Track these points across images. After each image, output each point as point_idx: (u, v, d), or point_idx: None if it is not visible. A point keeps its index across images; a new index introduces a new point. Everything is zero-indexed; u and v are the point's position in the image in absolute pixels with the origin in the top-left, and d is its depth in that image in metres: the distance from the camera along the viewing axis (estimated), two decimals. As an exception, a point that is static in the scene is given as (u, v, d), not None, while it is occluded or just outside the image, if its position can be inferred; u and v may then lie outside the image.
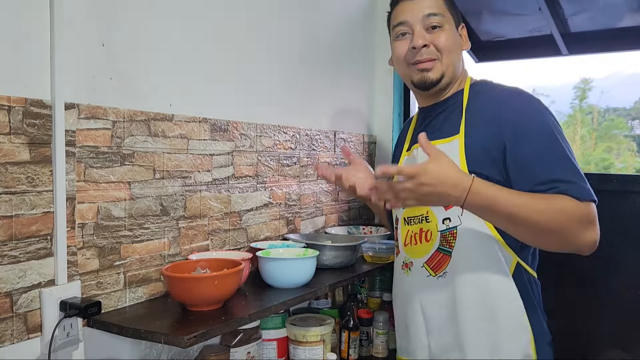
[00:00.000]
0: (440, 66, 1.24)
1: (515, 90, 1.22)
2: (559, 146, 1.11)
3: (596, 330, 1.87)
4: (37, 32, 1.03)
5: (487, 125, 1.16)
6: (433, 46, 1.23)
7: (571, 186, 1.06)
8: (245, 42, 1.54)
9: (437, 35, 1.23)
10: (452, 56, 1.24)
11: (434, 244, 1.23)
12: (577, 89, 2.60)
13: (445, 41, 1.23)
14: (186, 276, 1.16)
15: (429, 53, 1.24)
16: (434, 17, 1.23)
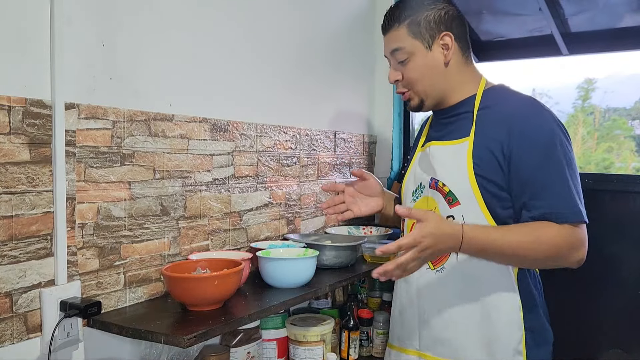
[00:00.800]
0: (415, 95, 1.30)
1: (529, 101, 1.23)
2: (556, 168, 1.15)
3: (596, 330, 1.87)
4: (37, 32, 1.03)
5: (497, 132, 1.19)
6: (404, 79, 1.29)
7: (562, 213, 1.13)
8: (245, 42, 1.54)
9: (405, 69, 1.28)
10: (424, 83, 1.27)
11: None
12: (581, 88, 2.60)
13: (411, 74, 1.27)
14: (186, 276, 1.16)
15: (401, 86, 1.31)
16: (397, 52, 1.28)
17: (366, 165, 2.20)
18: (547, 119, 1.19)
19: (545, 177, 1.15)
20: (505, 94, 1.28)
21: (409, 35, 1.27)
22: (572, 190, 1.15)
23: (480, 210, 1.19)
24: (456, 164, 1.23)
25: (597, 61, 2.29)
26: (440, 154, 1.29)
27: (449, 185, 1.23)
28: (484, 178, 1.19)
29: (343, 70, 2.05)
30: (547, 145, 1.16)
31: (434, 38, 1.26)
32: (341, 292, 1.90)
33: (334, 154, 1.97)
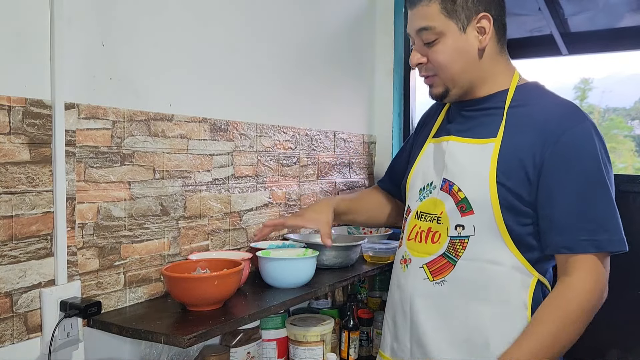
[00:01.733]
0: (440, 81, 1.15)
1: (569, 107, 1.10)
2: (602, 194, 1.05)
3: (596, 330, 1.87)
4: (37, 32, 1.03)
5: (529, 137, 1.06)
6: (430, 63, 1.14)
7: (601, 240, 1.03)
8: (245, 42, 1.54)
9: (432, 51, 1.12)
10: (452, 70, 1.12)
11: (441, 248, 1.13)
12: (577, 89, 2.60)
13: (440, 58, 1.12)
14: (186, 276, 1.16)
15: (426, 70, 1.16)
16: (425, 31, 1.11)
17: (366, 165, 2.20)
18: (589, 132, 1.05)
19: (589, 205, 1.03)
20: (542, 93, 1.14)
21: (442, 13, 1.09)
22: (613, 211, 1.06)
23: (496, 223, 1.07)
24: (477, 167, 1.09)
25: (597, 61, 2.30)
26: (460, 153, 1.14)
27: (465, 191, 1.10)
28: (507, 189, 1.06)
29: (343, 70, 2.05)
30: (590, 165, 1.03)
31: (470, 19, 1.09)
32: (341, 292, 1.90)
33: (333, 154, 1.97)
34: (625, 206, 1.83)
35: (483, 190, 1.07)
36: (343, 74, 2.06)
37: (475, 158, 1.11)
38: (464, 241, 1.10)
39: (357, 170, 2.13)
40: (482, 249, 1.09)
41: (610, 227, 1.04)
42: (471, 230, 1.09)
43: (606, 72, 2.39)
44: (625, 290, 1.83)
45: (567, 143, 1.03)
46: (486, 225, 1.08)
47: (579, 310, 1.03)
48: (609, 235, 1.03)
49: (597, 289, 1.03)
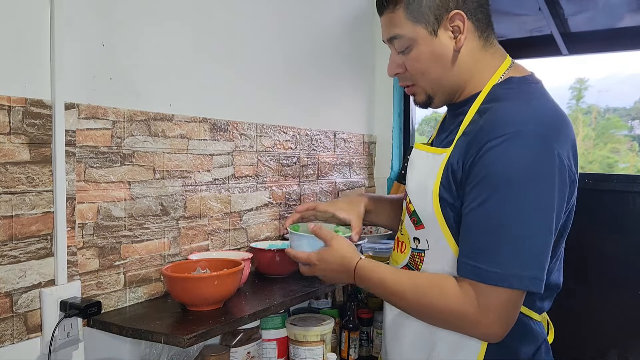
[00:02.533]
0: (421, 89, 1.06)
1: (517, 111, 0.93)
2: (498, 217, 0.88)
3: (596, 329, 1.87)
4: (37, 32, 1.03)
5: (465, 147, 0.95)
6: (408, 71, 1.05)
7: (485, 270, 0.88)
8: (245, 42, 1.54)
9: (407, 58, 1.03)
10: (429, 77, 1.03)
11: (405, 258, 1.09)
12: (573, 89, 2.60)
13: (415, 66, 1.02)
14: (186, 276, 1.16)
15: (404, 79, 1.07)
16: (395, 40, 1.03)
17: (366, 166, 2.20)
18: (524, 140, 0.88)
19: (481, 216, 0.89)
20: (513, 94, 0.98)
21: (409, 20, 0.99)
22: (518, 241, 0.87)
23: (445, 238, 0.97)
24: (425, 180, 1.01)
25: (596, 61, 2.29)
26: (416, 164, 1.08)
27: (414, 205, 1.04)
28: (448, 203, 0.96)
29: (343, 71, 2.05)
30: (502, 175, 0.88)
31: (440, 20, 0.98)
32: (341, 292, 1.90)
33: (334, 154, 1.97)
34: (625, 206, 1.84)
35: (428, 204, 0.99)
36: (343, 74, 2.06)
37: (425, 169, 1.03)
38: (421, 254, 1.04)
39: (357, 170, 2.13)
40: (439, 264, 1.00)
41: (503, 258, 0.87)
42: (425, 245, 1.03)
43: (606, 72, 2.39)
44: (625, 290, 1.83)
45: (484, 154, 0.89)
46: (437, 241, 0.99)
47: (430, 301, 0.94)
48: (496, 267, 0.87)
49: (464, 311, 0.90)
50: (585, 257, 1.88)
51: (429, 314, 0.97)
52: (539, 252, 0.89)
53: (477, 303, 0.89)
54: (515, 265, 0.87)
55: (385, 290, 1.02)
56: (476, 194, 0.90)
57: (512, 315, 0.91)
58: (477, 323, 0.90)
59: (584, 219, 1.89)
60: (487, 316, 0.89)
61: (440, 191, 0.97)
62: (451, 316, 0.93)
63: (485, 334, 0.91)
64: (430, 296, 0.94)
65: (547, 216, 0.89)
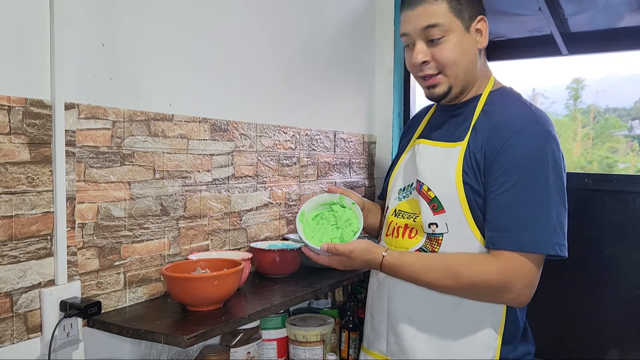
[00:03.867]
0: (445, 80, 1.17)
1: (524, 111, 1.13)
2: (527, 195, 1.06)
3: (596, 329, 1.87)
4: (37, 32, 1.03)
5: (485, 139, 1.12)
6: (434, 61, 1.15)
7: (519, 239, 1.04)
8: (245, 42, 1.54)
9: (438, 49, 1.14)
10: (458, 67, 1.15)
11: (418, 243, 1.19)
12: (570, 89, 2.61)
13: (447, 55, 1.13)
14: (186, 276, 1.16)
15: (431, 68, 1.16)
16: (433, 28, 1.13)
17: (366, 166, 2.20)
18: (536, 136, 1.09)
19: (513, 196, 1.06)
20: (508, 98, 1.19)
21: (450, 12, 1.12)
22: (546, 214, 1.05)
23: (466, 219, 1.12)
24: (444, 168, 1.15)
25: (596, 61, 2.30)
26: (429, 155, 1.21)
27: (435, 191, 1.16)
28: (471, 187, 1.11)
29: (343, 70, 2.05)
30: (531, 168, 1.06)
31: (472, 19, 1.14)
32: (341, 292, 1.90)
33: (333, 154, 1.97)
34: (625, 206, 1.84)
35: (451, 189, 1.13)
36: (343, 74, 2.06)
37: (443, 160, 1.16)
38: (438, 238, 1.16)
39: (357, 170, 2.13)
40: (455, 245, 1.13)
41: (535, 228, 1.04)
42: (444, 228, 1.14)
43: (606, 72, 2.39)
44: (625, 290, 1.83)
45: (510, 145, 1.08)
46: (458, 223, 1.13)
47: (470, 278, 1.07)
48: (531, 236, 1.04)
49: (502, 280, 1.05)
50: (585, 257, 1.88)
51: (469, 290, 1.09)
52: (560, 222, 1.06)
53: (514, 271, 1.04)
54: (545, 233, 1.04)
55: (419, 281, 1.12)
56: (506, 178, 1.07)
57: (537, 280, 1.07)
58: (512, 290, 1.05)
59: (583, 218, 1.90)
60: (521, 282, 1.05)
61: (463, 177, 1.12)
62: (491, 287, 1.06)
63: (518, 299, 1.07)
64: (469, 275, 1.07)
65: (563, 193, 1.08)
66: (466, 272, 1.07)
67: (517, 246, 1.04)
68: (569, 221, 1.10)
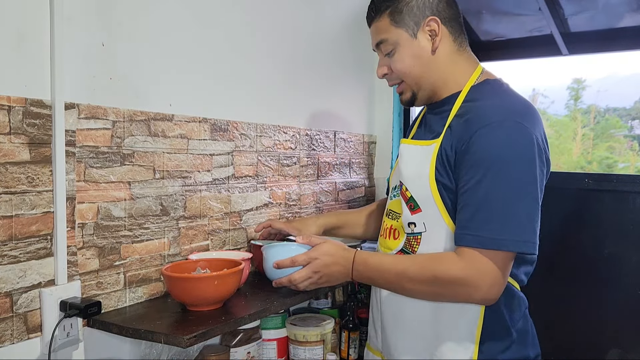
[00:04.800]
0: (407, 87, 1.20)
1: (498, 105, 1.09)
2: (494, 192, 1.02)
3: (596, 329, 1.87)
4: (37, 32, 1.03)
5: (456, 136, 1.09)
6: (393, 72, 1.19)
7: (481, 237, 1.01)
8: (245, 41, 1.54)
9: (392, 60, 1.18)
10: (412, 75, 1.17)
11: (400, 244, 1.19)
12: (571, 89, 2.61)
13: (398, 67, 1.17)
14: (186, 276, 1.16)
15: (392, 79, 1.22)
16: (382, 44, 1.18)
17: (366, 165, 2.20)
18: (509, 128, 1.04)
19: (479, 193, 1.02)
20: (491, 92, 1.14)
21: (392, 25, 1.15)
22: (513, 211, 1.01)
23: (442, 218, 1.10)
24: (419, 167, 1.14)
25: (595, 61, 2.30)
26: (407, 155, 1.21)
27: (411, 190, 1.15)
28: (444, 185, 1.10)
29: (343, 70, 2.05)
30: (495, 157, 1.02)
31: (419, 25, 1.15)
32: (341, 292, 1.90)
33: (333, 154, 1.97)
34: (625, 206, 1.84)
35: (425, 188, 1.12)
36: (343, 74, 2.06)
37: (418, 158, 1.16)
38: (417, 237, 1.15)
39: (357, 170, 2.13)
40: (434, 244, 1.12)
41: (498, 225, 1.01)
42: (422, 227, 1.14)
43: (606, 72, 2.39)
44: (625, 290, 1.83)
45: (478, 138, 1.04)
46: (435, 222, 1.11)
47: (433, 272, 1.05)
48: (493, 233, 1.00)
49: (466, 278, 1.02)
50: (585, 257, 1.88)
51: (432, 286, 1.06)
52: (529, 219, 1.03)
53: (477, 268, 1.01)
54: (510, 231, 1.01)
55: (387, 273, 1.10)
56: (472, 174, 1.04)
57: (505, 278, 1.04)
58: (477, 287, 1.02)
59: (584, 219, 1.90)
60: (486, 279, 1.01)
61: (436, 175, 1.10)
62: (454, 283, 1.03)
63: (484, 297, 1.04)
64: (432, 268, 1.05)
65: (533, 188, 1.04)
66: (431, 264, 1.06)
67: (479, 243, 1.01)
68: (571, 221, 1.08)
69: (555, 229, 1.21)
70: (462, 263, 1.02)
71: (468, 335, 1.11)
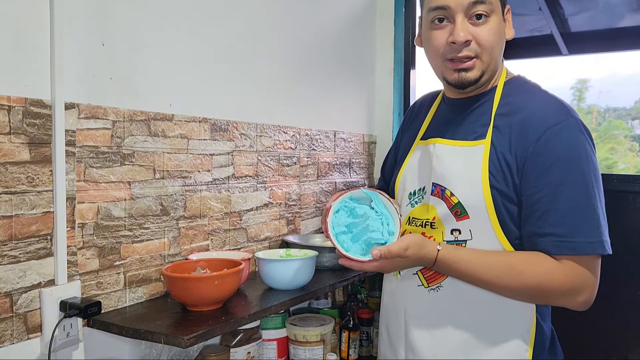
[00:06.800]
0: (480, 65, 1.07)
1: (553, 103, 1.05)
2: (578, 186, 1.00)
3: (597, 330, 1.87)
4: (37, 32, 1.03)
5: (514, 136, 1.03)
6: (475, 42, 1.05)
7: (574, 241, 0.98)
8: (245, 41, 1.54)
9: (481, 28, 1.04)
10: (495, 52, 1.07)
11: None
12: (574, 89, 2.61)
13: (489, 37, 1.05)
14: (186, 276, 1.16)
15: (469, 50, 1.06)
16: (481, 5, 1.03)
17: (366, 165, 2.20)
18: (572, 129, 1.01)
19: (561, 197, 0.99)
20: (527, 89, 1.11)
21: None
22: (595, 213, 0.99)
23: (492, 226, 1.04)
24: (469, 171, 1.06)
25: (595, 61, 2.30)
26: (449, 156, 1.10)
27: (459, 196, 1.06)
28: (498, 191, 1.03)
29: (343, 70, 2.05)
30: (571, 164, 1.00)
31: (504, 7, 1.09)
32: (341, 292, 1.90)
33: (334, 154, 1.97)
34: (625, 206, 1.84)
35: (477, 194, 1.04)
36: (343, 74, 2.06)
37: (466, 161, 1.07)
38: (461, 245, 1.07)
39: (357, 170, 2.13)
40: None
41: (589, 229, 0.99)
42: (468, 235, 1.06)
43: (606, 72, 2.38)
44: (625, 290, 1.83)
45: (547, 141, 1.00)
46: (483, 229, 1.05)
47: (535, 279, 1.01)
48: (587, 238, 0.99)
49: (571, 284, 1.00)
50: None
51: (532, 295, 1.03)
52: (604, 217, 1.02)
53: (580, 275, 0.99)
54: (598, 234, 0.99)
55: (476, 278, 1.04)
56: (549, 178, 1.00)
57: (598, 280, 1.02)
58: (580, 294, 1.00)
59: (584, 219, 1.90)
60: (588, 286, 1.00)
61: (490, 180, 1.04)
62: (559, 293, 1.01)
63: (585, 302, 1.02)
64: (533, 277, 1.01)
65: (601, 187, 1.03)
66: (531, 272, 1.01)
67: (577, 251, 0.98)
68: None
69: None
70: (566, 271, 0.99)
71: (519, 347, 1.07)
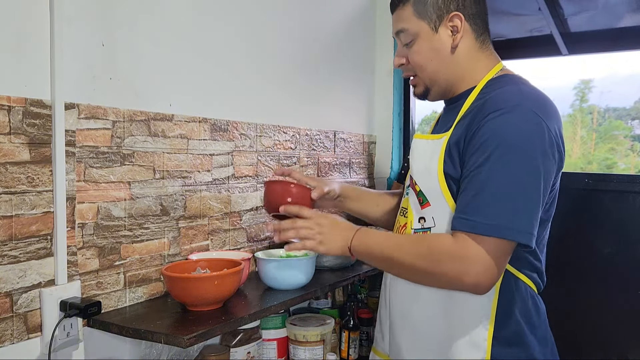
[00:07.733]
0: (420, 80, 1.17)
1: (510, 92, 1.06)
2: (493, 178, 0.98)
3: (596, 330, 1.87)
4: (37, 32, 1.03)
5: (467, 124, 1.06)
6: (409, 64, 1.16)
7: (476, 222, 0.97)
8: (245, 42, 1.54)
9: (410, 52, 1.15)
10: (427, 70, 1.14)
11: None
12: (577, 89, 2.61)
13: (415, 59, 1.14)
14: (186, 276, 1.16)
15: (407, 70, 1.18)
16: (401, 33, 1.15)
17: (366, 165, 2.20)
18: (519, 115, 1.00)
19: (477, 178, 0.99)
20: (505, 82, 1.11)
21: (414, 15, 1.12)
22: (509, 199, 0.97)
23: (450, 211, 1.06)
24: (429, 161, 1.12)
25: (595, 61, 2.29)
26: (417, 150, 1.18)
27: (420, 185, 1.13)
28: (451, 178, 1.07)
29: (343, 71, 2.05)
30: (499, 143, 0.99)
31: (441, 19, 1.11)
32: (341, 292, 1.90)
33: (333, 154, 1.97)
34: (625, 206, 1.84)
35: (433, 182, 1.09)
36: (343, 74, 2.06)
37: (428, 153, 1.13)
38: (426, 233, 1.12)
39: (357, 170, 2.13)
40: None
41: (493, 211, 0.97)
42: (431, 222, 1.11)
43: (606, 72, 2.39)
44: (625, 290, 1.83)
45: (484, 125, 1.01)
46: (444, 216, 1.07)
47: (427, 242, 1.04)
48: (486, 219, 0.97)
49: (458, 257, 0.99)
50: (585, 257, 1.88)
51: (425, 260, 1.03)
52: (528, 208, 0.99)
53: (469, 251, 0.97)
54: (505, 218, 0.97)
55: (385, 244, 1.09)
56: (475, 158, 1.01)
57: (500, 267, 0.99)
58: (467, 272, 0.97)
59: (584, 219, 1.90)
60: (477, 265, 0.97)
61: (444, 167, 1.07)
62: (446, 257, 1.00)
63: (475, 282, 0.98)
64: (427, 241, 1.04)
65: (536, 179, 0.99)
66: (426, 240, 1.05)
67: (471, 228, 0.97)
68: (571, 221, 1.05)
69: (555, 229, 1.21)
70: (458, 241, 0.99)
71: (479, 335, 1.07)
